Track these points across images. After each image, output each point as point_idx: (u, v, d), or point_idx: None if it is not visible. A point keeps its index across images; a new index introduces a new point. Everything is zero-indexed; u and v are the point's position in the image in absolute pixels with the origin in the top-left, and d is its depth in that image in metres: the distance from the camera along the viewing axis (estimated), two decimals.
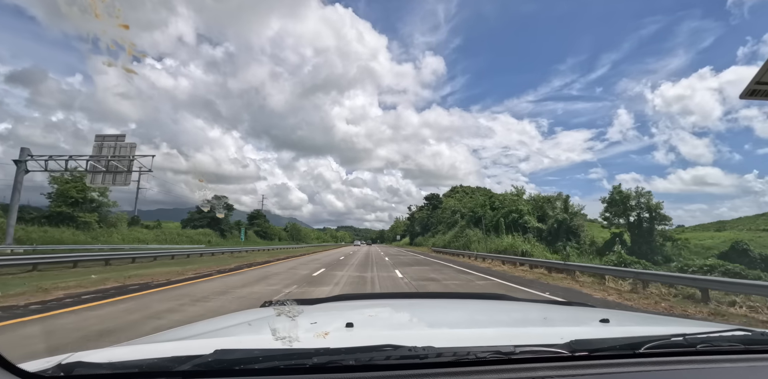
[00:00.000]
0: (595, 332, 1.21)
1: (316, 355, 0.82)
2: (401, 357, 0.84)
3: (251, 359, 0.81)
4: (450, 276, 13.75)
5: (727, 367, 0.94)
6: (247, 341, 1.08)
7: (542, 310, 1.78)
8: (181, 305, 6.71)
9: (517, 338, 0.98)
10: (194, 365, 0.79)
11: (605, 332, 1.21)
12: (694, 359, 0.96)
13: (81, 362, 0.81)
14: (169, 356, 0.82)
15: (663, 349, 0.97)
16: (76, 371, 0.79)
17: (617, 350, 0.95)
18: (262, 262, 19.76)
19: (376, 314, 1.62)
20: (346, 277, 12.73)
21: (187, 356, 0.82)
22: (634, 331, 1.25)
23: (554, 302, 2.72)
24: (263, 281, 11.00)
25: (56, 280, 9.59)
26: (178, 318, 5.54)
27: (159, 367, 0.80)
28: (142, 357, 0.83)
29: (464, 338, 1.10)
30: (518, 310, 1.83)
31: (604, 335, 1.03)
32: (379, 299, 2.51)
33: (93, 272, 11.96)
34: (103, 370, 0.79)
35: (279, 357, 0.81)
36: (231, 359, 0.80)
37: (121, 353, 0.89)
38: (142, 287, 8.86)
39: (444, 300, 2.26)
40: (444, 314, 1.65)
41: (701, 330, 1.08)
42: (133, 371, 0.80)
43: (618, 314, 1.92)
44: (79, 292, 7.79)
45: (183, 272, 12.95)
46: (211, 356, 0.80)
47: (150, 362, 0.81)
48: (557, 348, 0.92)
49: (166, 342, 1.10)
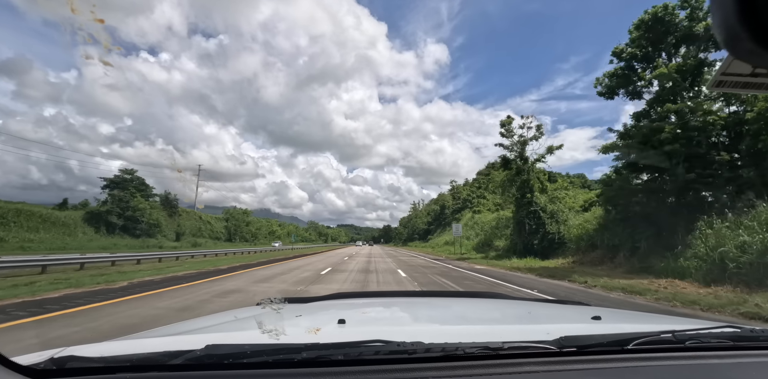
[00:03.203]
0: (585, 328, 1.21)
1: (306, 350, 0.83)
2: (390, 352, 0.85)
3: (241, 354, 0.82)
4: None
5: (714, 363, 0.95)
6: (238, 336, 1.09)
7: (535, 308, 1.83)
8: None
9: (506, 335, 0.97)
10: (186, 360, 0.80)
11: (595, 328, 1.20)
12: (683, 355, 0.97)
13: (73, 356, 0.82)
14: (161, 351, 0.83)
15: (652, 345, 0.98)
16: (68, 364, 0.80)
17: (606, 347, 0.96)
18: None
19: (369, 312, 1.66)
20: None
21: (178, 350, 0.82)
22: (624, 328, 1.24)
23: (549, 300, 2.74)
24: None
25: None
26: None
27: (151, 361, 0.81)
28: (134, 352, 0.84)
29: (454, 334, 1.06)
30: (510, 307, 1.85)
31: (594, 332, 1.05)
32: (375, 297, 2.52)
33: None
34: (95, 364, 0.81)
35: (268, 352, 0.83)
36: (221, 354, 0.81)
37: (114, 348, 0.92)
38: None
39: (438, 299, 2.29)
40: (436, 312, 1.70)
41: (691, 327, 1.09)
42: (125, 364, 0.81)
43: (611, 312, 1.87)
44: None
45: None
46: (202, 350, 0.81)
47: (142, 356, 0.82)
48: (546, 344, 0.92)
49: (159, 337, 1.10)
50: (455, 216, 61.28)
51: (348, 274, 14.26)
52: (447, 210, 68.12)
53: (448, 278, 12.92)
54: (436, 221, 74.21)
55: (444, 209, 70.21)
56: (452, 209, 63.24)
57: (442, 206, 72.66)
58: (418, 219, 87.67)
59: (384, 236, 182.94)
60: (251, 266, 18.16)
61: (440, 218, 71.80)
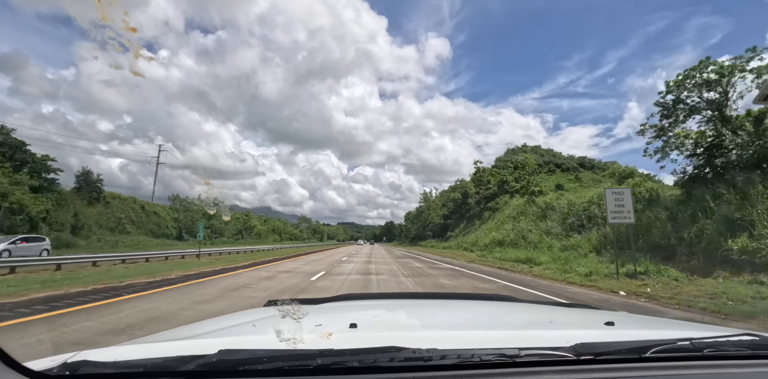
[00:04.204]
0: (600, 335, 1.19)
1: (320, 356, 0.82)
2: (405, 359, 0.84)
3: (255, 360, 0.81)
4: None
5: (733, 372, 0.93)
6: (251, 341, 1.08)
7: (547, 312, 1.83)
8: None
9: (522, 341, 0.97)
10: (198, 365, 0.79)
11: (611, 335, 1.19)
12: (701, 363, 0.96)
13: (86, 360, 0.82)
14: (173, 356, 0.82)
15: (669, 353, 0.96)
16: (81, 370, 0.80)
17: (623, 354, 0.94)
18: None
19: (380, 315, 1.63)
20: None
21: (191, 355, 0.82)
22: (640, 334, 1.22)
23: (559, 303, 2.60)
24: None
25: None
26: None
27: (163, 367, 0.80)
28: (146, 356, 0.84)
29: (468, 340, 1.07)
30: (522, 311, 1.81)
31: (610, 339, 1.04)
32: (382, 299, 2.50)
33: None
34: (107, 369, 0.80)
35: (283, 358, 0.82)
36: (235, 360, 0.80)
37: (126, 352, 0.90)
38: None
39: (448, 301, 2.24)
40: (448, 316, 1.66)
41: (708, 334, 1.07)
42: (137, 370, 0.80)
43: (623, 316, 1.84)
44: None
45: None
46: (215, 356, 0.80)
47: (154, 361, 0.81)
48: (562, 351, 0.91)
49: (171, 341, 1.11)
50: (486, 205, 45.16)
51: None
52: (470, 199, 52.07)
53: None
54: (456, 212, 57.35)
55: (467, 198, 53.92)
56: (483, 195, 46.92)
57: (464, 193, 55.90)
58: (431, 212, 68.14)
59: (386, 233, 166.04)
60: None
61: (462, 208, 55.29)
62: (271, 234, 78.92)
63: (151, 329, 4.89)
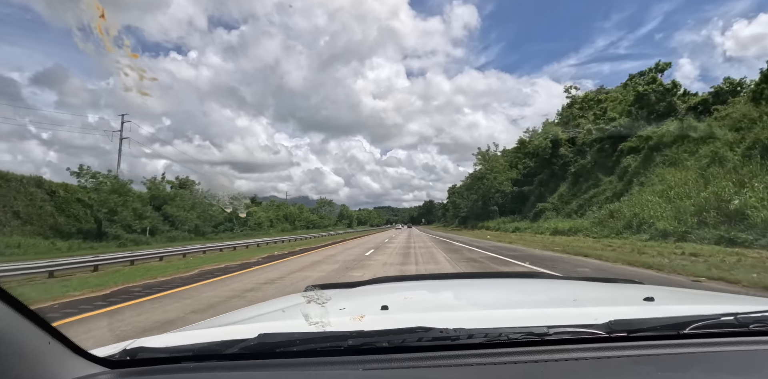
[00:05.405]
0: (636, 311, 1.15)
1: (351, 337, 0.86)
2: (432, 339, 0.86)
3: (290, 342, 0.87)
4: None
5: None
6: (287, 325, 1.11)
7: (581, 288, 1.79)
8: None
9: (551, 319, 0.96)
10: (240, 348, 0.86)
11: (648, 311, 1.13)
12: (746, 340, 0.91)
13: (143, 347, 0.90)
14: (218, 341, 0.90)
15: (711, 329, 0.92)
16: (139, 355, 0.88)
17: (659, 331, 0.91)
18: None
19: (411, 297, 1.66)
20: None
21: (233, 340, 0.89)
22: (680, 310, 1.13)
23: (599, 279, 2.34)
24: None
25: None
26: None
27: (209, 350, 0.88)
28: (194, 342, 0.92)
29: (497, 318, 1.08)
30: (555, 289, 1.80)
31: (646, 315, 1.02)
32: (416, 280, 2.54)
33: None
34: (161, 354, 0.89)
35: (316, 340, 0.87)
36: (273, 342, 0.87)
37: (177, 339, 1.00)
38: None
39: (480, 280, 2.28)
40: (478, 295, 1.69)
41: (755, 308, 1.01)
42: (187, 354, 0.88)
43: (666, 290, 1.77)
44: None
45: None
46: (254, 340, 0.87)
47: (201, 346, 0.89)
48: (594, 329, 0.90)
49: (215, 328, 1.18)
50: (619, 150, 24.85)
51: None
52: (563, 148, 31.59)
53: None
54: (539, 172, 36.46)
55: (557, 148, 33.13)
56: (605, 131, 26.04)
57: (554, 141, 33.91)
58: (498, 175, 44.16)
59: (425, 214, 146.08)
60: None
61: (553, 165, 34.48)
62: (282, 222, 62.24)
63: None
